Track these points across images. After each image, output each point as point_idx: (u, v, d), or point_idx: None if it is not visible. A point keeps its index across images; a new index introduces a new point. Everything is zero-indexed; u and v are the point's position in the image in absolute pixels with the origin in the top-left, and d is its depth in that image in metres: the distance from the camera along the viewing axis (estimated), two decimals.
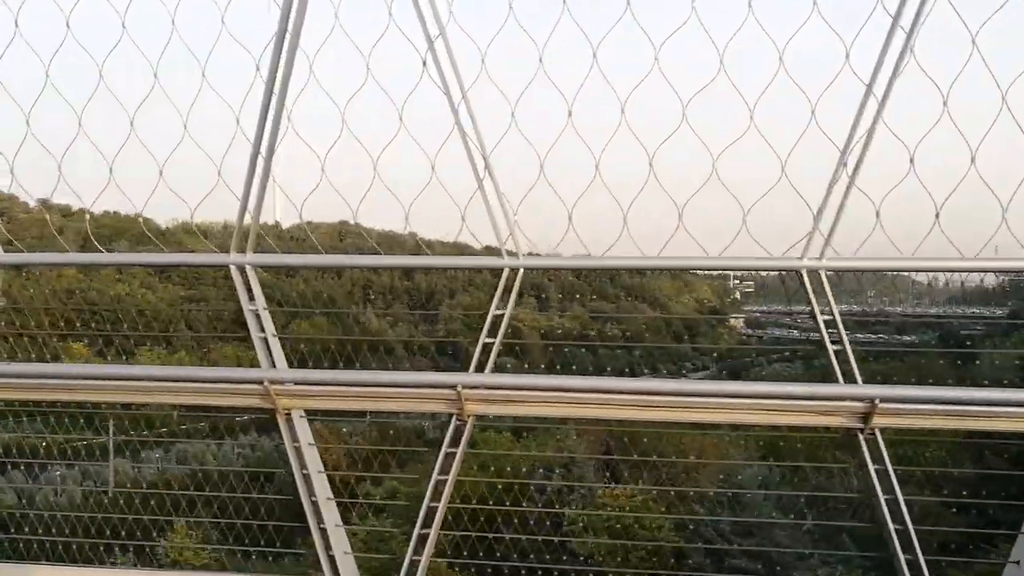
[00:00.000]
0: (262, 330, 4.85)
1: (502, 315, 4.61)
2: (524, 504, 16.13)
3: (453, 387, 4.33)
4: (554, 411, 4.46)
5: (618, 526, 16.83)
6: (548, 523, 17.50)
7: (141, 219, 4.83)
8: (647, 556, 15.91)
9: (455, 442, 4.66)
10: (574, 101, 4.05)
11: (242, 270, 4.84)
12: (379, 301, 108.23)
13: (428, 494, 4.55)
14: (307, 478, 4.77)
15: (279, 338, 4.86)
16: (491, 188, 4.33)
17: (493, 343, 4.70)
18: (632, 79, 3.89)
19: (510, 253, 4.55)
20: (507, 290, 4.64)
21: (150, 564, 26.32)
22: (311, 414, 4.80)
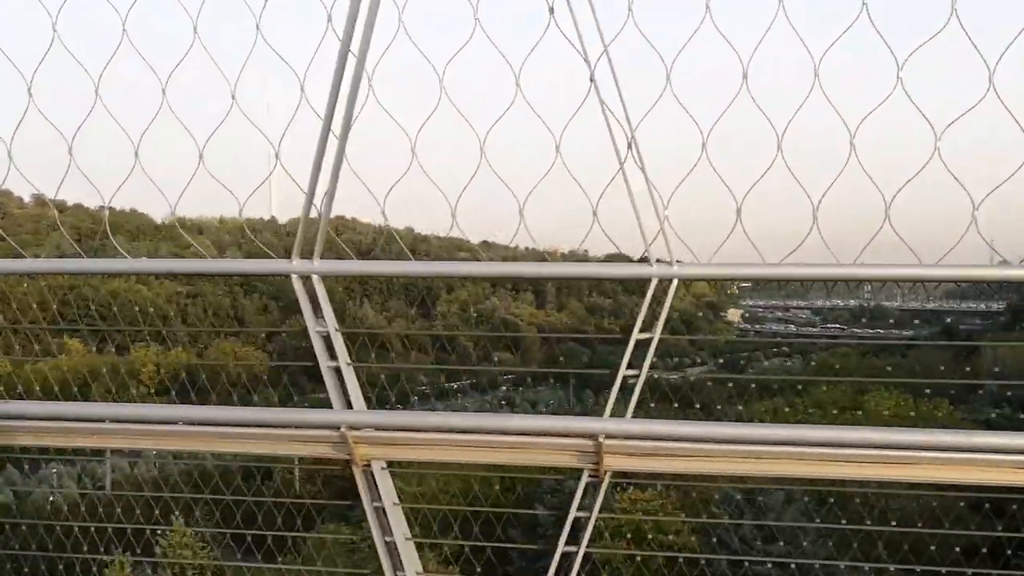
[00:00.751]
0: (333, 357, 3.91)
1: (649, 339, 3.70)
2: (535, 507, 15.74)
3: (592, 437, 3.49)
4: (726, 467, 3.51)
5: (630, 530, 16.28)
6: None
7: (171, 214, 4.13)
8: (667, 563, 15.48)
9: (585, 503, 3.79)
10: (750, 60, 3.15)
11: (307, 280, 3.89)
12: (376, 296, 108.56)
13: (552, 569, 3.80)
14: (391, 546, 3.92)
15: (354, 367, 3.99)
16: (633, 174, 3.42)
17: (637, 377, 3.70)
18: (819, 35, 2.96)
19: (659, 260, 3.60)
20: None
21: (149, 561, 26.27)
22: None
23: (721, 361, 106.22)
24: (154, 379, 71.56)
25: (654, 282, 3.59)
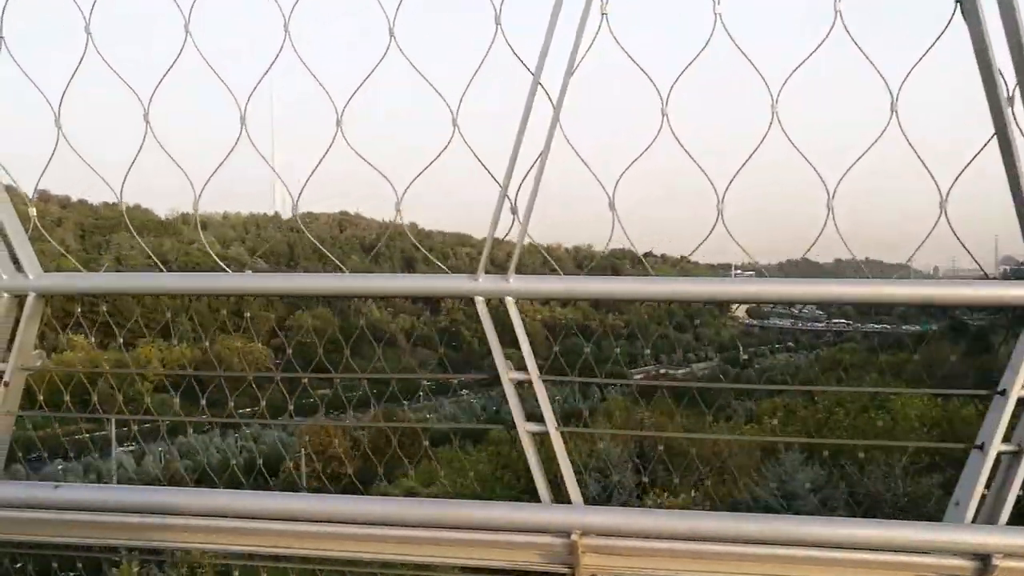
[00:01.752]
0: (538, 418, 2.94)
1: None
2: None
3: (984, 558, 2.38)
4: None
5: None
6: None
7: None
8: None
9: None
10: None
11: (495, 304, 2.96)
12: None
13: None
14: None
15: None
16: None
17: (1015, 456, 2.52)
18: None
19: None
20: None
21: (158, 563, 26.14)
22: None
23: (726, 355, 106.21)
24: (159, 374, 71.85)
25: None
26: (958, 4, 2.41)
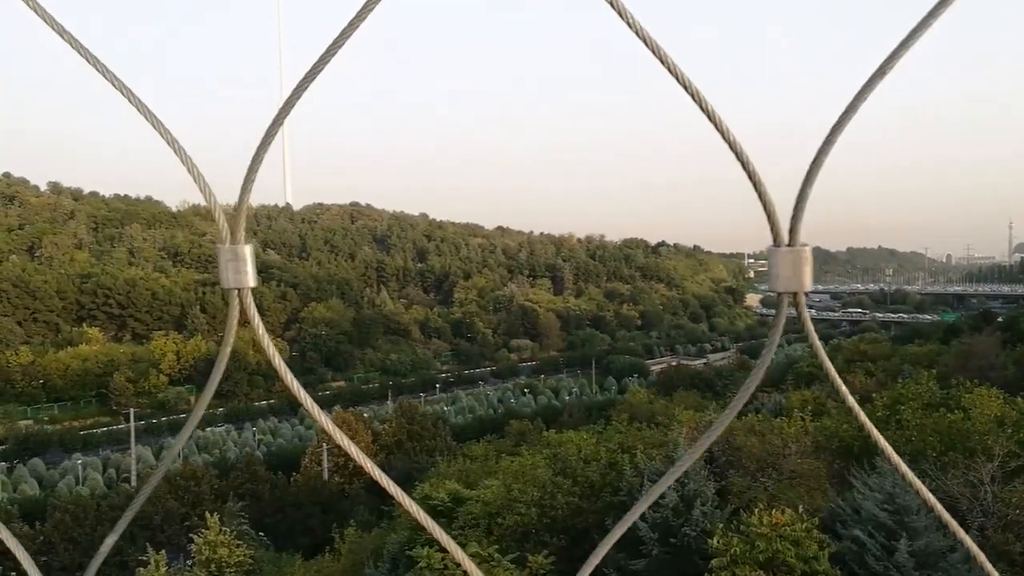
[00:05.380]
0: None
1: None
2: (637, 522, 14.50)
3: None
4: None
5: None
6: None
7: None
8: None
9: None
10: None
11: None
12: (392, 283, 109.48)
13: None
14: None
15: None
16: None
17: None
18: None
19: None
20: None
21: (181, 556, 26.18)
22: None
23: (741, 345, 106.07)
24: (174, 367, 72.15)
25: None
26: None
